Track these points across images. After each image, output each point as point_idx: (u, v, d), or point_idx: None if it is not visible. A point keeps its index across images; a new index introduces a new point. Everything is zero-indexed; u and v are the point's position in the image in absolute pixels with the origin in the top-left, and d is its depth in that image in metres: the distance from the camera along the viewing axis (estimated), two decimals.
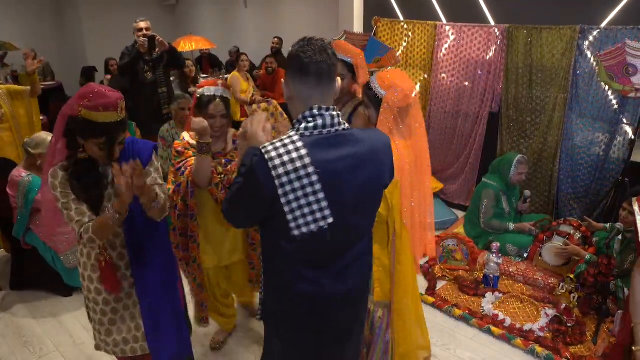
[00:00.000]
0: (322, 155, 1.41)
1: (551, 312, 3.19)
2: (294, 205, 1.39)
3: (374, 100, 2.25)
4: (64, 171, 1.86)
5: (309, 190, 1.39)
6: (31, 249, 3.42)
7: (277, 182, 1.37)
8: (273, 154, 1.37)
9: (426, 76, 4.97)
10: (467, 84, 4.67)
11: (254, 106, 5.78)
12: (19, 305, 3.48)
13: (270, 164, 1.36)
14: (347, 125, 1.50)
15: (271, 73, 6.78)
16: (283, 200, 1.38)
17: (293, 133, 1.44)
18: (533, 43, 4.17)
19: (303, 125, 1.44)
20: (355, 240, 1.59)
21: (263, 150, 1.38)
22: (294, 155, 1.37)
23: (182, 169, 2.36)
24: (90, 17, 10.35)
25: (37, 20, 10.41)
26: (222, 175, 2.38)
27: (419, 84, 5.04)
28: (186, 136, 2.48)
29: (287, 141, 1.39)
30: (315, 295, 1.56)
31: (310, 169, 1.38)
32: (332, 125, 1.45)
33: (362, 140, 1.50)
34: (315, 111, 1.44)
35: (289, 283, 1.55)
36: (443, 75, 4.81)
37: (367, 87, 2.30)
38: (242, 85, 6.01)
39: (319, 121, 1.44)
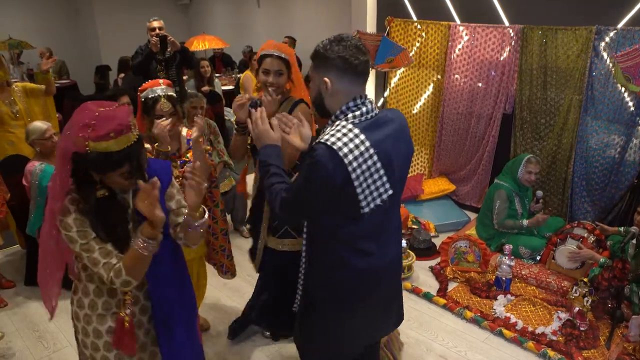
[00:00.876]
0: (374, 136, 1.61)
1: (564, 315, 3.16)
2: (364, 185, 1.59)
3: None
4: (76, 205, 1.54)
5: (372, 169, 1.59)
6: None
7: (349, 168, 1.54)
8: (339, 144, 1.54)
9: (439, 77, 4.95)
10: (480, 84, 4.64)
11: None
12: (33, 300, 3.52)
13: (340, 153, 1.53)
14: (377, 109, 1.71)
15: None
16: (356, 183, 1.57)
17: (345, 123, 1.61)
18: (548, 44, 4.13)
19: (350, 114, 1.63)
20: (396, 210, 1.81)
21: (328, 143, 1.54)
22: (357, 141, 1.56)
23: None
24: (105, 16, 10.45)
25: (52, 20, 10.53)
26: (180, 178, 2.28)
27: (432, 85, 5.02)
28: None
29: (344, 131, 1.58)
30: (369, 268, 1.74)
31: (371, 150, 1.58)
32: (372, 110, 1.67)
33: (393, 119, 1.72)
34: (359, 101, 1.65)
35: (344, 263, 1.71)
36: (456, 76, 4.78)
37: None
38: (255, 84, 6.02)
39: (363, 109, 1.64)
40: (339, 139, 1.55)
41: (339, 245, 1.70)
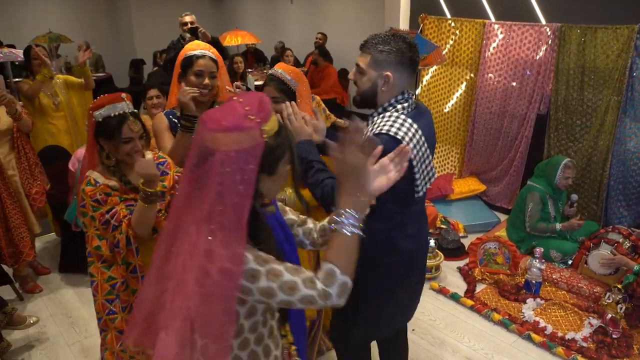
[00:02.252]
0: (420, 125, 1.73)
1: (595, 322, 3.09)
2: (420, 170, 1.72)
3: None
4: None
5: (424, 155, 1.73)
6: (81, 235, 3.55)
7: (411, 155, 1.62)
8: (401, 133, 1.65)
9: (472, 75, 4.88)
10: (514, 84, 4.56)
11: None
12: (67, 287, 3.63)
13: (404, 142, 1.62)
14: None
15: (316, 64, 6.84)
16: (415, 169, 1.69)
17: (397, 114, 1.72)
18: (586, 43, 4.03)
19: (399, 106, 1.75)
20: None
21: (391, 133, 1.64)
22: (412, 130, 1.69)
23: (113, 223, 1.85)
24: (140, 11, 10.65)
25: (90, 14, 10.78)
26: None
27: (464, 84, 4.95)
28: (98, 178, 1.89)
29: (400, 121, 1.69)
30: (412, 249, 1.89)
31: (422, 138, 1.71)
32: (413, 102, 1.80)
33: (427, 109, 1.90)
34: (406, 95, 1.78)
35: (394, 246, 1.83)
36: (490, 75, 4.70)
37: None
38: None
39: (410, 101, 1.78)
40: (398, 128, 1.66)
41: (393, 230, 1.81)
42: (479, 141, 4.92)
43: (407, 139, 1.64)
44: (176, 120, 2.27)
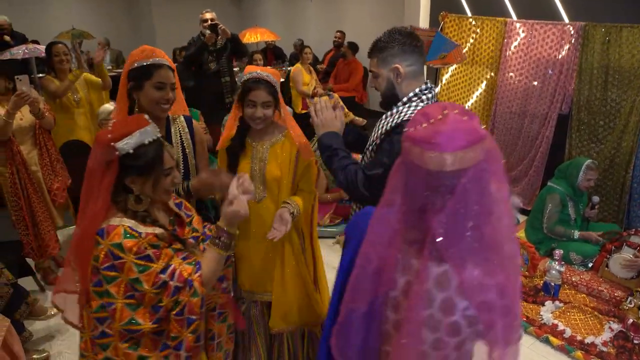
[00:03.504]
0: None
1: (616, 326, 3.03)
2: None
3: None
4: None
5: None
6: None
7: None
8: None
9: (493, 74, 4.82)
10: (536, 83, 4.49)
11: (316, 99, 5.85)
12: None
13: None
14: None
15: (344, 57, 6.91)
16: None
17: (423, 104, 1.78)
18: (611, 42, 3.95)
19: (424, 97, 1.81)
20: None
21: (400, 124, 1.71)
22: None
23: (176, 285, 1.40)
24: (161, 8, 10.75)
25: (111, 11, 10.94)
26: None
27: (484, 83, 4.90)
28: (137, 227, 1.42)
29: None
30: None
31: None
32: (435, 95, 1.86)
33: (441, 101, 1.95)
34: (429, 85, 1.84)
35: None
36: (511, 74, 4.64)
37: None
38: (305, 77, 6.06)
39: (433, 92, 1.84)
40: None
41: None
42: (499, 141, 4.87)
43: None
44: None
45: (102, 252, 1.38)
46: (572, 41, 4.18)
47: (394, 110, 1.81)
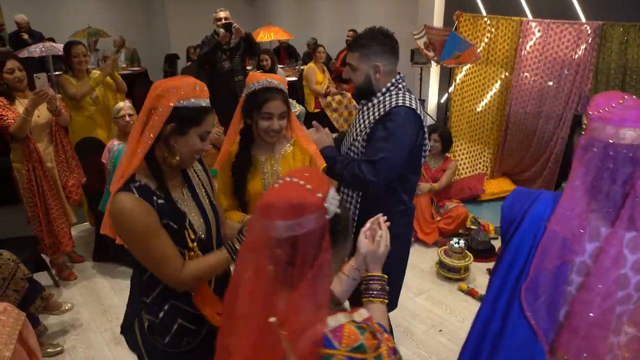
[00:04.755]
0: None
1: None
2: (425, 137, 1.97)
3: None
4: None
5: (425, 125, 1.99)
6: None
7: (423, 123, 1.95)
8: (414, 105, 1.91)
9: (507, 74, 4.78)
10: (551, 83, 4.45)
11: (328, 98, 5.85)
12: (99, 275, 3.73)
13: (417, 112, 1.91)
14: None
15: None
16: (424, 140, 1.97)
17: (401, 91, 1.97)
18: (629, 42, 3.90)
19: (400, 85, 2.00)
20: None
21: (407, 105, 1.89)
22: (417, 102, 1.97)
23: None
24: (175, 6, 10.81)
25: (127, 10, 11.04)
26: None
27: (499, 82, 4.86)
28: None
29: (408, 96, 1.94)
30: (411, 210, 2.15)
31: (422, 113, 1.97)
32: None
33: None
34: (400, 75, 2.03)
35: (406, 209, 2.10)
36: (526, 74, 4.60)
37: None
38: (318, 77, 6.06)
39: (404, 81, 2.03)
40: (410, 101, 1.91)
41: (405, 194, 2.07)
42: (513, 141, 4.82)
43: (418, 110, 1.92)
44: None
45: None
46: (589, 41, 4.13)
47: (375, 101, 1.99)
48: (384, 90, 1.98)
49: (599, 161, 1.22)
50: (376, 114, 1.94)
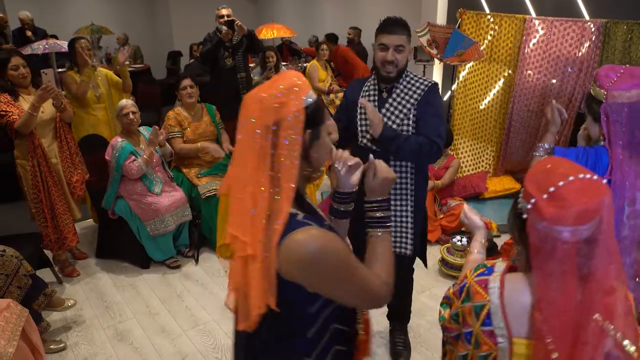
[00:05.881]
0: None
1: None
2: None
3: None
4: None
5: None
6: (117, 222, 3.66)
7: None
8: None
9: (510, 72, 4.77)
10: (554, 81, 4.43)
11: (331, 95, 5.84)
12: (102, 272, 3.74)
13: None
14: None
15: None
16: None
17: (411, 74, 2.32)
18: (633, 39, 3.88)
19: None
20: None
21: (434, 82, 2.26)
22: None
23: None
24: (178, 3, 10.81)
25: (130, 7, 11.04)
26: None
27: (502, 80, 4.84)
28: None
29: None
30: None
31: None
32: None
33: None
34: None
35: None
36: (529, 72, 4.58)
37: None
38: (321, 74, 6.06)
39: None
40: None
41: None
42: (516, 139, 4.81)
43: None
44: None
45: None
46: (593, 38, 4.11)
47: (407, 80, 2.26)
48: (406, 71, 2.27)
49: (630, 118, 1.70)
50: (420, 90, 2.23)
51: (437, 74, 6.32)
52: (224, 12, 4.77)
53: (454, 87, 5.20)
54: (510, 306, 1.11)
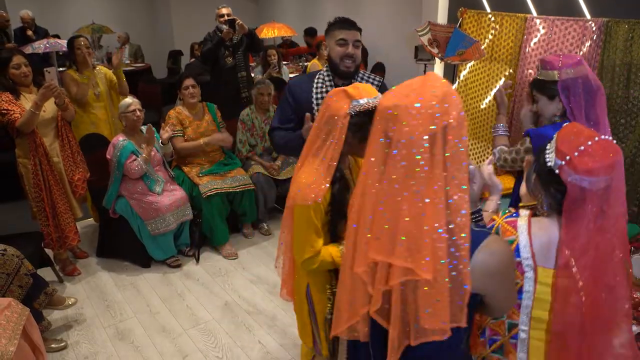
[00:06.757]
0: None
1: (636, 328, 2.97)
2: None
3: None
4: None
5: None
6: (118, 221, 3.67)
7: None
8: None
9: (511, 71, 4.76)
10: None
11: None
12: (103, 271, 3.74)
13: None
14: None
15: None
16: None
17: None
18: (635, 39, 3.87)
19: None
20: None
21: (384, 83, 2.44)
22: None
23: None
24: (179, 3, 10.80)
25: (130, 6, 11.03)
26: None
27: (503, 79, 4.84)
28: None
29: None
30: None
31: None
32: None
33: None
34: None
35: None
36: (530, 71, 4.58)
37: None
38: None
39: None
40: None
41: None
42: (517, 139, 4.79)
43: None
44: None
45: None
46: (594, 38, 4.11)
47: (360, 76, 2.42)
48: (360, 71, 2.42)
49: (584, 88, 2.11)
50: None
51: (438, 73, 6.32)
52: (224, 11, 4.77)
53: (454, 86, 5.20)
54: (536, 241, 1.36)
